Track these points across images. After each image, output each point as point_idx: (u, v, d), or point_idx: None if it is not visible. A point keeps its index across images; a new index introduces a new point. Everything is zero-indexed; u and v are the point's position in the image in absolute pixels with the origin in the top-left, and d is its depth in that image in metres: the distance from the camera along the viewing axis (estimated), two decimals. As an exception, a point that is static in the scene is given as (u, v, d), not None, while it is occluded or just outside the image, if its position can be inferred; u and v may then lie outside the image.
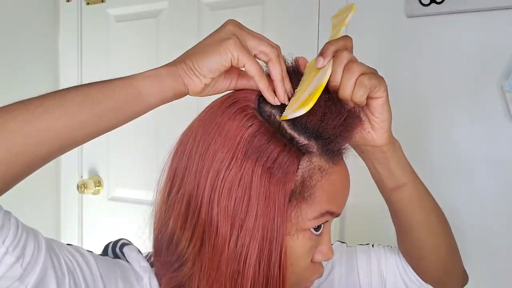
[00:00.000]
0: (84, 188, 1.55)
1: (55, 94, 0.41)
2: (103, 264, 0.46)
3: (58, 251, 0.41)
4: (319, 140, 0.45)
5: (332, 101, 0.46)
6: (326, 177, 0.46)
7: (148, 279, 0.48)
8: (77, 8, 1.59)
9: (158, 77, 0.45)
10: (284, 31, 1.24)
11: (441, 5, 1.01)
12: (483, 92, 1.00)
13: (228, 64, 0.44)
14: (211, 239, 0.44)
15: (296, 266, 0.47)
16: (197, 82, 0.45)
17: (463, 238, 1.04)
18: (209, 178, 0.44)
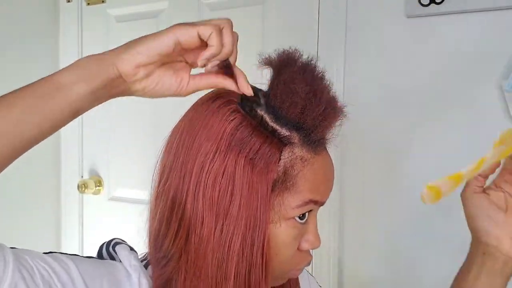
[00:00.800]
0: (85, 188, 1.55)
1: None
2: (87, 267, 0.45)
3: (31, 263, 0.40)
4: (300, 131, 0.47)
5: (313, 93, 0.47)
6: (308, 166, 0.47)
7: (138, 277, 0.48)
8: (77, 9, 1.59)
9: (83, 64, 0.43)
10: (284, 31, 1.24)
11: (441, 5, 1.01)
12: (483, 92, 1.00)
13: (170, 44, 0.43)
14: (197, 231, 0.45)
15: (282, 254, 0.48)
16: (127, 58, 0.43)
17: (463, 238, 1.04)
18: (194, 170, 0.45)
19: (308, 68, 0.48)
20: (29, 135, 0.40)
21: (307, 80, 0.46)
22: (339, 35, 1.15)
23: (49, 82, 0.42)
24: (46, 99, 0.41)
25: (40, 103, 0.40)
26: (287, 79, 0.47)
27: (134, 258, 0.49)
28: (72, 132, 1.62)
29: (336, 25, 1.15)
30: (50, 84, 0.42)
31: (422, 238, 1.08)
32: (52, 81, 0.42)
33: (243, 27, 1.50)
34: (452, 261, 1.05)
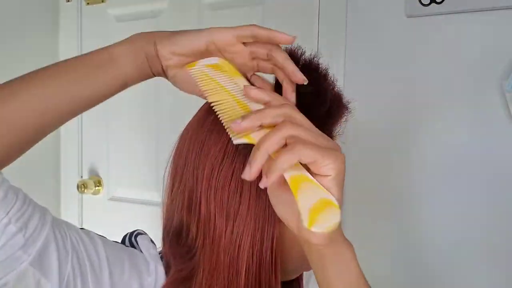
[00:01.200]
0: (84, 188, 1.55)
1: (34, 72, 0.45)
2: (112, 248, 0.48)
3: (66, 231, 0.44)
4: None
5: (317, 92, 0.47)
6: None
7: (155, 265, 0.50)
8: (77, 8, 1.59)
9: (134, 39, 0.47)
10: (284, 31, 1.24)
11: (441, 5, 1.01)
12: (483, 92, 1.00)
13: (202, 41, 0.45)
14: (210, 232, 0.46)
15: (294, 251, 0.48)
16: (167, 43, 0.46)
17: (463, 238, 1.04)
18: (205, 174, 0.47)
19: (312, 67, 0.49)
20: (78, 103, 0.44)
21: (310, 79, 0.46)
22: (339, 35, 1.15)
23: (103, 53, 0.45)
24: (100, 68, 0.45)
25: (94, 72, 0.44)
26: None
27: (153, 248, 0.52)
28: (72, 132, 1.62)
29: (336, 25, 1.15)
30: (105, 54, 0.45)
31: (422, 238, 1.08)
32: (106, 52, 0.45)
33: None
34: (451, 261, 1.06)
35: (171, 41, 0.45)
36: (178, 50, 0.45)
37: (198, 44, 0.45)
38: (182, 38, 0.45)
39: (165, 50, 0.45)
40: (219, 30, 0.45)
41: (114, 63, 0.45)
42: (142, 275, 0.49)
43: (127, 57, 0.45)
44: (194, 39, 0.45)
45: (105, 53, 0.45)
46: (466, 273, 1.04)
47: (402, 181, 1.10)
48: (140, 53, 0.46)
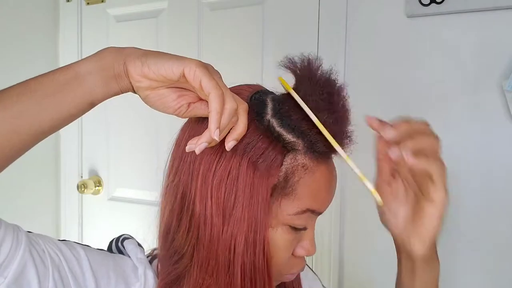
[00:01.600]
0: (84, 188, 1.55)
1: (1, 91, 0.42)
2: (96, 257, 0.48)
3: (43, 247, 0.43)
4: (305, 139, 0.47)
5: (326, 108, 0.47)
6: (309, 174, 0.47)
7: (143, 269, 0.50)
8: (77, 8, 1.59)
9: (102, 55, 0.44)
10: (284, 31, 1.24)
11: (441, 5, 1.01)
12: (483, 92, 1.00)
13: (177, 73, 0.42)
14: (207, 230, 0.46)
15: (277, 257, 0.48)
16: (138, 65, 0.43)
17: (463, 238, 1.04)
18: (201, 170, 0.46)
19: (327, 84, 0.48)
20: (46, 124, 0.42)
21: (323, 95, 0.46)
22: (339, 35, 1.15)
23: (69, 71, 0.43)
24: (65, 88, 0.42)
25: (58, 92, 0.42)
26: (305, 91, 0.47)
27: (140, 252, 0.52)
28: (72, 133, 1.62)
29: (336, 25, 1.15)
30: (70, 72, 0.43)
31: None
32: (70, 68, 0.43)
33: (243, 27, 1.50)
34: (451, 261, 1.06)
35: (144, 64, 0.43)
36: (151, 75, 0.43)
37: (171, 74, 0.42)
38: (156, 63, 0.42)
39: (136, 72, 0.43)
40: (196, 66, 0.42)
41: (81, 81, 0.43)
42: (129, 280, 0.49)
43: (94, 75, 0.43)
44: (167, 68, 0.42)
45: (72, 71, 0.43)
46: (466, 273, 1.04)
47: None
48: (108, 71, 0.43)
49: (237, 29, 1.31)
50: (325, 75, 0.49)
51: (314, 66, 0.49)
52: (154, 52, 0.44)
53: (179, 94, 0.45)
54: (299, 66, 0.49)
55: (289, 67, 0.49)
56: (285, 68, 0.49)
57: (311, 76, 0.48)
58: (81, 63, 0.44)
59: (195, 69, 0.41)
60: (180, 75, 0.42)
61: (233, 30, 1.31)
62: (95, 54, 0.44)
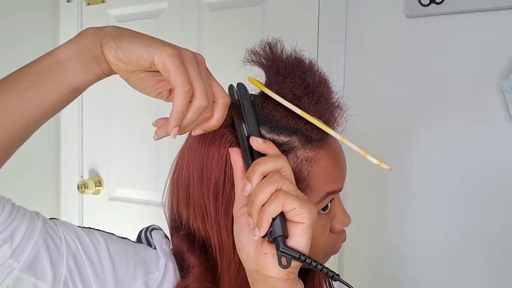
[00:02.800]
0: (85, 188, 1.55)
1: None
2: (116, 246, 0.49)
3: (61, 234, 0.44)
4: (298, 134, 0.47)
5: (305, 94, 0.47)
6: (315, 164, 0.47)
7: (165, 261, 0.51)
8: (78, 9, 1.59)
9: (81, 38, 0.42)
10: (284, 31, 1.23)
11: (441, 6, 1.02)
12: (483, 92, 1.01)
13: (147, 61, 0.40)
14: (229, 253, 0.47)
15: (317, 244, 0.49)
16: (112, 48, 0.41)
17: (462, 238, 1.04)
18: (211, 204, 0.47)
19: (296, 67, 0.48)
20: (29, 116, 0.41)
21: (296, 81, 0.46)
22: (339, 35, 1.15)
23: (49, 58, 0.42)
24: (46, 76, 0.41)
25: (39, 82, 0.41)
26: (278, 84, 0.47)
27: (166, 243, 0.52)
28: (72, 132, 1.62)
29: (336, 25, 1.15)
30: (50, 59, 0.42)
31: (422, 238, 1.08)
32: (50, 55, 0.42)
33: (243, 27, 1.50)
34: (451, 261, 1.06)
35: (118, 47, 0.40)
36: (124, 58, 0.40)
37: (142, 61, 0.40)
38: (127, 48, 0.40)
39: (110, 55, 0.41)
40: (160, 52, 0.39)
41: (61, 67, 0.41)
42: (150, 269, 0.50)
43: (74, 60, 0.41)
44: (138, 54, 0.40)
45: (51, 58, 0.41)
46: (466, 274, 1.04)
47: (401, 181, 1.10)
48: (87, 53, 0.42)
49: (237, 29, 1.31)
50: (291, 58, 0.48)
51: (277, 51, 0.48)
52: (129, 33, 0.42)
53: (158, 79, 0.42)
54: (263, 55, 0.48)
55: (253, 60, 0.49)
56: (250, 62, 0.49)
57: (278, 65, 0.47)
58: (61, 48, 0.42)
59: (165, 59, 0.39)
60: (150, 63, 0.40)
61: (233, 30, 1.32)
62: (75, 37, 0.42)
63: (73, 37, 0.43)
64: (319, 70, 0.49)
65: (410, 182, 1.09)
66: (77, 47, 0.42)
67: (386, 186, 1.12)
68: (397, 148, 1.10)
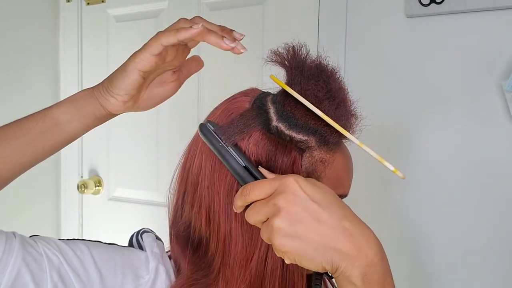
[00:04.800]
0: (84, 188, 1.55)
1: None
2: (102, 253, 0.48)
3: (41, 250, 0.44)
4: (316, 134, 0.47)
5: (326, 97, 0.47)
6: (328, 167, 0.48)
7: (156, 264, 0.50)
8: (77, 8, 1.59)
9: (75, 102, 0.47)
10: (284, 31, 1.24)
11: (441, 5, 1.01)
12: (483, 92, 1.00)
13: (138, 78, 0.45)
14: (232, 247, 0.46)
15: None
16: (113, 101, 0.47)
17: (462, 237, 1.04)
18: (222, 193, 0.46)
19: (320, 72, 0.48)
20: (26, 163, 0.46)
21: (319, 85, 0.46)
22: (339, 35, 1.15)
23: (46, 118, 0.46)
24: (46, 136, 0.46)
25: (39, 139, 0.46)
26: (301, 85, 0.47)
27: (156, 246, 0.52)
28: (72, 132, 1.62)
29: (336, 25, 1.15)
30: (47, 119, 0.46)
31: (423, 240, 1.08)
32: (49, 117, 0.46)
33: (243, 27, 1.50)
34: (451, 262, 1.06)
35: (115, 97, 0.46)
36: (126, 98, 0.46)
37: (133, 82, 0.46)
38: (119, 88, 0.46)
39: (116, 108, 0.47)
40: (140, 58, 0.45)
41: (61, 129, 0.46)
42: (139, 273, 0.49)
43: (75, 123, 0.47)
44: (126, 78, 0.45)
45: (50, 120, 0.46)
46: (467, 273, 1.04)
47: (401, 181, 1.10)
48: (86, 118, 0.47)
49: (237, 29, 1.30)
50: (315, 62, 0.49)
51: (302, 54, 0.49)
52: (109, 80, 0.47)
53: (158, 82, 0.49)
54: (286, 57, 0.49)
55: (276, 60, 0.49)
56: (272, 62, 0.49)
57: (302, 67, 0.48)
58: (59, 111, 0.47)
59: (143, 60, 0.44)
60: (141, 76, 0.45)
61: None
62: (72, 101, 0.47)
63: (70, 99, 0.47)
64: (340, 78, 0.50)
65: (410, 182, 1.09)
66: (78, 112, 0.47)
67: (386, 186, 1.11)
68: (397, 148, 1.10)
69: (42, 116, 0.46)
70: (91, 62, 1.59)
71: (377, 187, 1.12)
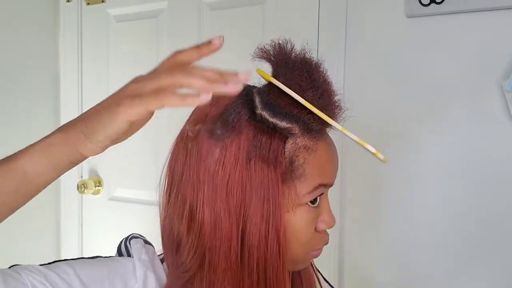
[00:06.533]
0: (84, 188, 1.55)
1: None
2: (88, 271, 0.48)
3: (26, 280, 0.43)
4: (299, 121, 0.48)
5: (310, 86, 0.48)
6: (312, 154, 0.49)
7: (144, 271, 0.50)
8: (77, 8, 1.59)
9: (48, 150, 0.42)
10: (284, 31, 1.23)
11: (441, 5, 1.01)
12: (483, 92, 1.01)
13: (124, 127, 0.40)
14: (217, 235, 0.46)
15: (301, 238, 0.50)
16: (93, 148, 0.42)
17: (463, 237, 1.04)
18: (206, 180, 0.47)
19: (304, 63, 0.50)
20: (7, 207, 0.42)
21: (303, 75, 0.48)
22: (339, 35, 1.15)
23: (14, 171, 0.41)
24: (16, 192, 0.42)
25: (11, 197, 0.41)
26: (285, 76, 0.48)
27: (145, 252, 0.51)
28: (72, 132, 1.62)
29: (336, 25, 1.15)
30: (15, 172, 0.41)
31: (423, 240, 1.08)
32: (17, 170, 0.41)
33: (243, 27, 1.50)
34: (452, 264, 1.06)
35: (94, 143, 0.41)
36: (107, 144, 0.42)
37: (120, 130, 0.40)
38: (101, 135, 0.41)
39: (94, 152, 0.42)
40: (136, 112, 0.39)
41: (30, 180, 0.42)
42: (128, 282, 0.49)
43: (44, 175, 0.42)
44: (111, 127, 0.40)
45: (18, 173, 0.41)
46: (467, 273, 1.04)
47: (402, 181, 1.10)
48: (62, 162, 0.42)
49: (237, 29, 1.31)
50: (300, 55, 0.50)
51: (287, 49, 0.50)
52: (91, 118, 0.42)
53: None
54: (272, 53, 0.51)
55: (263, 56, 0.51)
56: (259, 58, 0.51)
57: (287, 60, 0.49)
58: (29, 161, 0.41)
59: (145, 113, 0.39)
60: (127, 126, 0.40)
61: (233, 30, 1.31)
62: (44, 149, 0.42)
63: (41, 145, 0.42)
64: (324, 70, 0.51)
65: (409, 182, 1.09)
66: (50, 161, 0.42)
67: (386, 186, 1.11)
68: (397, 147, 1.10)
69: (11, 169, 0.41)
70: (91, 62, 1.59)
71: (377, 187, 1.12)
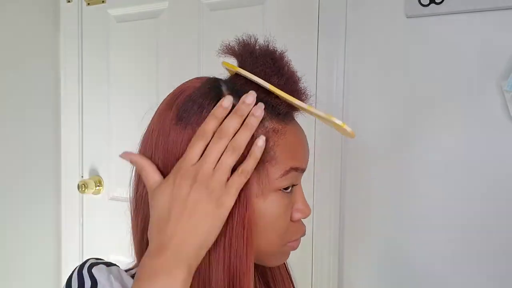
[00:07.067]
0: (85, 188, 1.55)
1: None
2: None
3: None
4: (267, 105, 0.48)
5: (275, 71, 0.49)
6: (282, 136, 0.49)
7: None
8: (78, 9, 1.59)
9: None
10: (284, 31, 1.24)
11: (441, 6, 1.02)
12: (482, 92, 1.01)
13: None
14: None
15: (277, 227, 0.49)
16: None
17: (463, 237, 1.04)
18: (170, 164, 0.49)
19: (268, 52, 0.51)
20: None
21: (268, 62, 0.49)
22: (339, 35, 1.15)
23: None
24: None
25: None
26: (251, 66, 0.49)
27: (115, 278, 0.47)
28: (72, 132, 1.62)
29: (336, 25, 1.15)
30: None
31: (424, 246, 1.08)
32: None
33: (243, 27, 1.50)
34: (454, 268, 1.06)
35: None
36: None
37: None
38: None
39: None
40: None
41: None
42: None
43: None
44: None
45: None
46: (468, 274, 1.04)
47: (402, 181, 1.10)
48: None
49: (237, 29, 1.30)
50: (264, 46, 0.51)
51: (251, 42, 0.51)
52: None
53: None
54: (237, 47, 0.52)
55: (228, 52, 0.52)
56: (224, 53, 0.52)
57: (252, 51, 0.50)
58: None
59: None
60: None
61: (233, 30, 1.31)
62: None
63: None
64: (288, 59, 0.52)
65: (409, 182, 1.09)
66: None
67: (386, 185, 1.12)
68: (397, 147, 1.10)
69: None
70: (91, 62, 1.59)
71: (376, 186, 1.12)
